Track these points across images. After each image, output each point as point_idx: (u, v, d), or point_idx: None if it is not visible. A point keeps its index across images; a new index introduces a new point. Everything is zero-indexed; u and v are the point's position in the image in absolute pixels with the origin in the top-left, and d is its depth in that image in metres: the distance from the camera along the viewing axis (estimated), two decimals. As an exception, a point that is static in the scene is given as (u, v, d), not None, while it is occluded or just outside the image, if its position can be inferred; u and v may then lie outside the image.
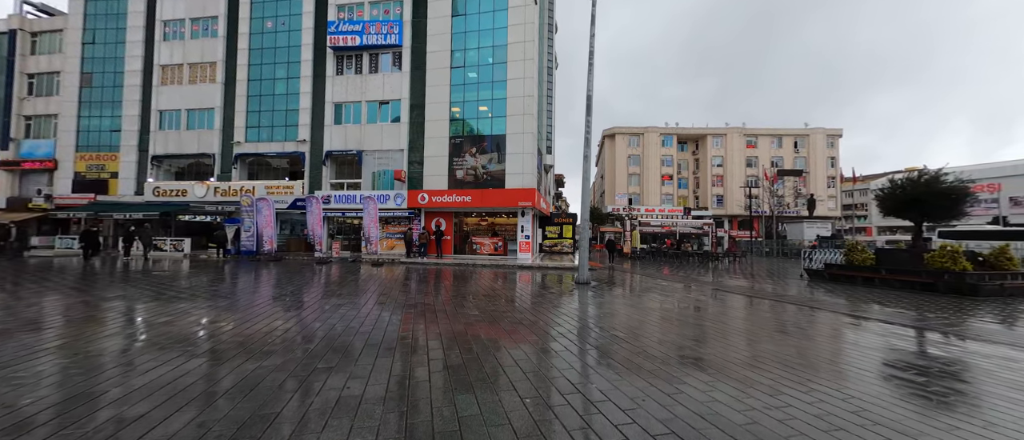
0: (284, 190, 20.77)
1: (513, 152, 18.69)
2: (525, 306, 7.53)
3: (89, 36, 23.77)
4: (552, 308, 7.38)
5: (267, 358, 4.20)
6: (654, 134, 52.14)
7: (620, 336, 5.30)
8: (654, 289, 10.58)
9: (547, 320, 6.24)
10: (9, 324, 5.48)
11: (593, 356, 4.43)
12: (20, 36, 24.59)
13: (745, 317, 7.03)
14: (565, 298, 8.65)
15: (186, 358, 4.15)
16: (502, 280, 11.75)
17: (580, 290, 9.92)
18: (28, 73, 24.71)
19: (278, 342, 4.88)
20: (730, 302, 8.58)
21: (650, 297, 9.17)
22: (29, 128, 24.60)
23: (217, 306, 7.12)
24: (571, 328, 5.71)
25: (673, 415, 2.97)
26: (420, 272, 13.46)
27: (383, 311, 6.76)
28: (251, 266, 15.00)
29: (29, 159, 23.91)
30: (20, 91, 24.51)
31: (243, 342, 4.82)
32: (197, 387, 3.38)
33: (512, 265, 16.25)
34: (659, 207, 49.23)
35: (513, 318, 6.37)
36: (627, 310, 7.30)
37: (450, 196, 18.71)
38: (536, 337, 5.19)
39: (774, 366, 4.17)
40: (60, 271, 12.66)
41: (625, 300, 8.58)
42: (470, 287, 9.94)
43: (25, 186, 24.38)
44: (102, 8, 23.79)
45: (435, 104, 19.82)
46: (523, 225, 18.92)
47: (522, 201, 17.99)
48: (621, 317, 6.61)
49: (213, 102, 22.16)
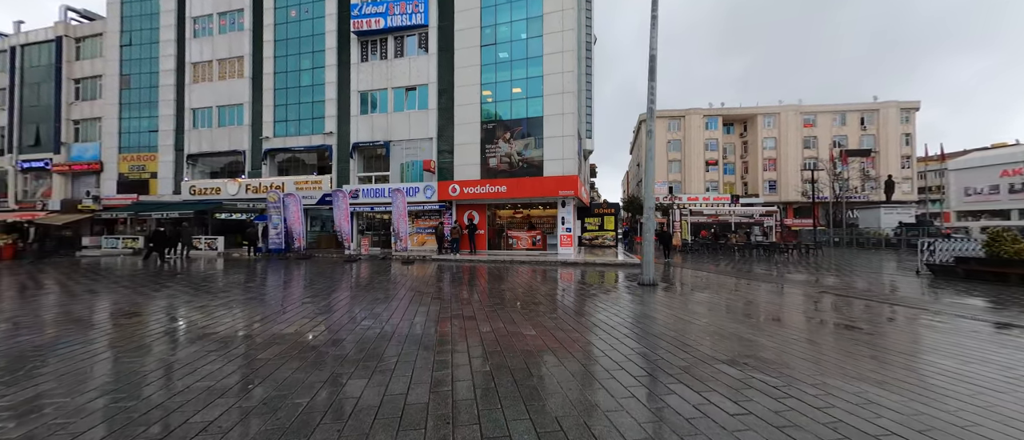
0: (312, 185, 20.06)
1: (551, 135, 16.83)
2: (591, 321, 5.79)
3: (126, 38, 24.08)
4: (626, 324, 5.59)
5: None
6: (697, 116, 48.26)
7: (773, 384, 3.45)
8: (739, 291, 8.52)
9: (629, 346, 4.48)
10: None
11: (733, 412, 2.66)
12: (66, 43, 25.37)
13: (931, 343, 4.94)
14: (635, 306, 6.83)
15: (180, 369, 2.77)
16: (547, 280, 10.06)
17: (646, 294, 8.05)
18: (74, 78, 25.51)
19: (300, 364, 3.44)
20: (863, 312, 6.42)
21: (746, 304, 7.16)
22: (77, 132, 25.46)
23: (229, 316, 5.91)
24: (674, 360, 3.92)
25: None
26: (453, 271, 12.03)
27: (413, 324, 5.27)
28: (279, 265, 14.19)
29: (78, 162, 24.74)
30: (68, 96, 25.36)
31: (275, 343, 3.43)
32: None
33: (553, 261, 14.52)
34: (703, 195, 45.67)
35: (582, 342, 4.66)
36: (736, 327, 5.39)
37: (483, 186, 17.17)
38: (630, 377, 3.46)
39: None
40: (111, 272, 12.28)
41: (716, 310, 6.63)
42: (513, 289, 8.33)
43: (76, 188, 25.32)
44: (136, 9, 23.99)
45: (465, 87, 18.26)
46: (564, 216, 17.10)
47: (563, 190, 16.16)
48: (733, 340, 4.73)
49: (242, 98, 21.78)
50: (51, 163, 25.03)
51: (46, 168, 25.21)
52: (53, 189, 25.35)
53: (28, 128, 26.05)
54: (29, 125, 26.04)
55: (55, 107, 25.28)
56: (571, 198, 16.81)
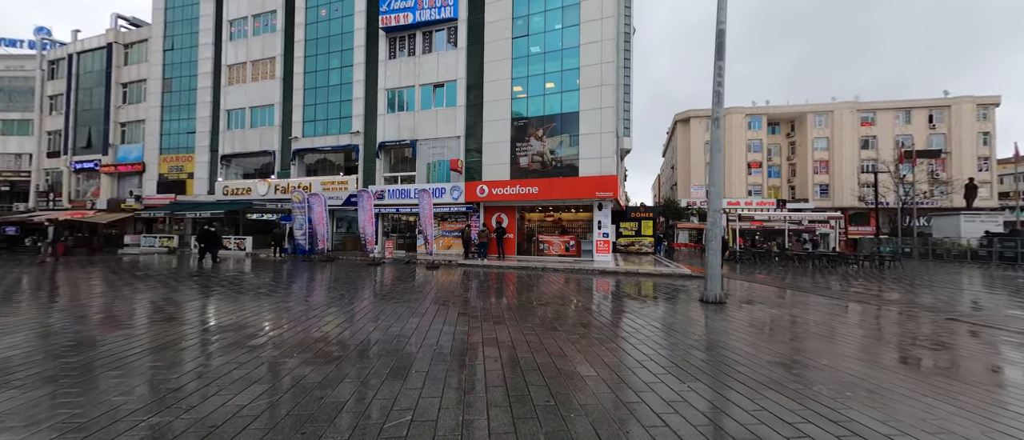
0: (339, 186, 19.66)
1: (588, 132, 15.51)
2: (664, 356, 4.46)
3: (169, 43, 24.87)
4: (714, 363, 4.22)
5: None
6: (738, 115, 45.24)
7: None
8: (837, 315, 6.87)
9: (732, 402, 3.14)
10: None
11: None
12: (115, 49, 26.57)
13: None
14: (709, 333, 5.42)
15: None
16: (588, 292, 8.74)
17: (716, 314, 6.59)
18: (122, 83, 26.66)
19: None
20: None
21: (870, 338, 5.57)
22: (124, 134, 26.54)
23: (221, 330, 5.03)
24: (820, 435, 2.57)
25: None
26: (482, 277, 10.94)
27: (435, 352, 4.16)
28: (302, 267, 13.63)
29: (123, 163, 25.74)
30: (116, 100, 26.50)
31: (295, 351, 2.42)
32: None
33: (590, 269, 13.16)
34: (744, 199, 42.66)
35: (665, 396, 3.35)
36: (886, 378, 3.90)
37: (513, 187, 16.06)
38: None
39: None
40: (146, 270, 12.11)
41: (829, 344, 5.11)
42: (551, 304, 7.09)
43: (122, 188, 26.36)
44: (178, 15, 24.73)
45: (495, 82, 17.27)
46: (600, 221, 15.69)
47: (600, 191, 14.77)
48: (901, 401, 3.28)
49: (272, 98, 21.82)
50: (100, 164, 26.18)
51: (95, 169, 26.40)
52: (101, 189, 26.51)
53: (81, 131, 27.45)
54: (82, 128, 27.44)
55: (104, 110, 26.48)
56: (609, 200, 15.39)
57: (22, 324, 5.60)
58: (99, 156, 26.38)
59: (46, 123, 29.25)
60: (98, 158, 26.33)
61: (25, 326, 5.48)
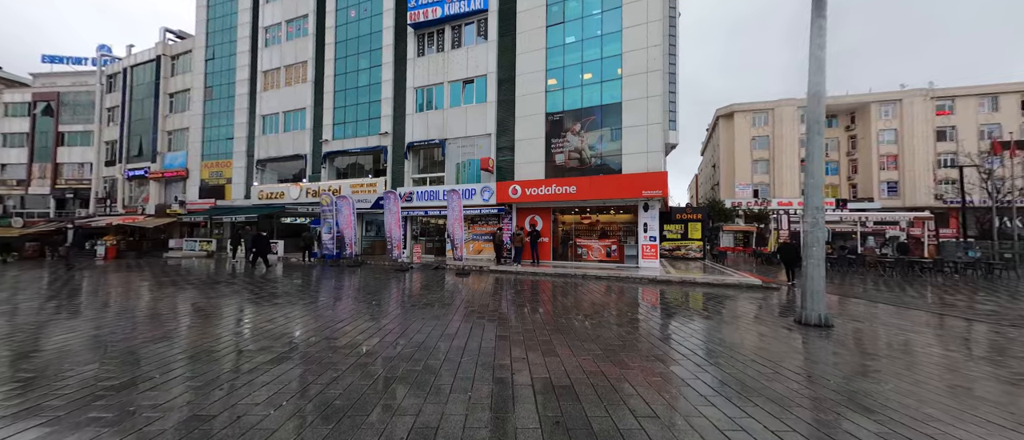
0: (367, 188, 19.19)
1: (632, 125, 14.00)
2: (800, 426, 3.06)
3: (210, 52, 25.66)
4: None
5: None
6: (789, 108, 41.61)
7: None
8: (991, 345, 5.09)
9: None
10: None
11: None
12: (163, 61, 27.83)
13: None
14: (832, 374, 3.90)
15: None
16: (640, 306, 7.33)
17: (823, 342, 5.02)
18: (169, 93, 27.85)
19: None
20: None
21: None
22: (170, 142, 27.68)
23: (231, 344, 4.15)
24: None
25: None
26: (516, 286, 9.75)
27: (473, 382, 3.02)
28: (330, 272, 13.03)
29: (169, 169, 26.78)
30: (163, 109, 27.72)
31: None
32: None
33: (636, 277, 11.65)
34: (797, 199, 39.09)
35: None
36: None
37: (548, 187, 14.81)
38: None
39: None
40: (187, 273, 11.95)
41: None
42: (602, 322, 5.76)
43: (168, 194, 27.45)
44: (219, 25, 25.48)
45: (527, 75, 16.13)
46: (647, 223, 14.11)
47: (647, 190, 13.21)
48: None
49: (304, 102, 21.82)
50: (149, 171, 27.42)
51: (145, 176, 27.69)
52: (150, 195, 27.76)
53: (133, 140, 28.96)
54: (134, 137, 28.94)
55: (153, 120, 27.76)
56: (657, 200, 13.79)
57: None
58: (148, 164, 27.65)
59: (104, 134, 31.18)
60: (148, 165, 27.60)
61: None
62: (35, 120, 33.39)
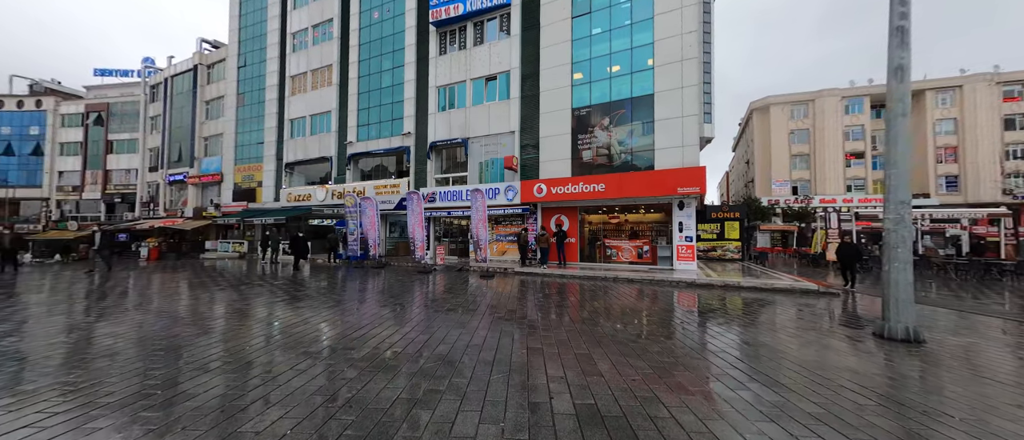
0: (390, 189, 19.10)
1: (666, 118, 13.13)
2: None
3: (242, 60, 26.51)
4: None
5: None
6: (832, 99, 38.91)
7: None
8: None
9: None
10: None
11: None
12: (200, 70, 29.03)
13: None
14: (948, 406, 3.09)
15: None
16: (681, 313, 6.56)
17: (917, 361, 4.15)
18: (205, 101, 29.01)
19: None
20: None
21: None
22: (206, 147, 28.82)
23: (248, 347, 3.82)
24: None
25: None
26: (543, 289, 9.15)
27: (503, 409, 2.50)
28: (354, 274, 12.89)
29: (205, 174, 27.86)
30: (200, 116, 28.89)
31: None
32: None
33: (672, 280, 10.80)
34: (843, 196, 36.52)
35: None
36: None
37: (575, 185, 14.13)
38: None
39: None
40: (222, 274, 12.17)
41: None
42: (640, 331, 5.07)
43: (204, 197, 28.57)
44: (250, 33, 26.28)
45: (552, 69, 15.53)
46: (682, 222, 13.18)
47: (683, 186, 12.31)
48: None
49: (330, 105, 22.07)
50: (187, 176, 28.64)
51: (184, 180, 28.94)
52: (189, 198, 28.99)
53: (174, 146, 30.37)
54: (174, 144, 30.35)
55: (191, 127, 28.99)
56: (693, 197, 12.85)
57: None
58: (187, 169, 28.89)
59: (148, 141, 32.91)
60: (186, 170, 28.84)
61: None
62: (88, 130, 35.71)
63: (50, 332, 5.49)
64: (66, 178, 36.23)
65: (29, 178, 36.14)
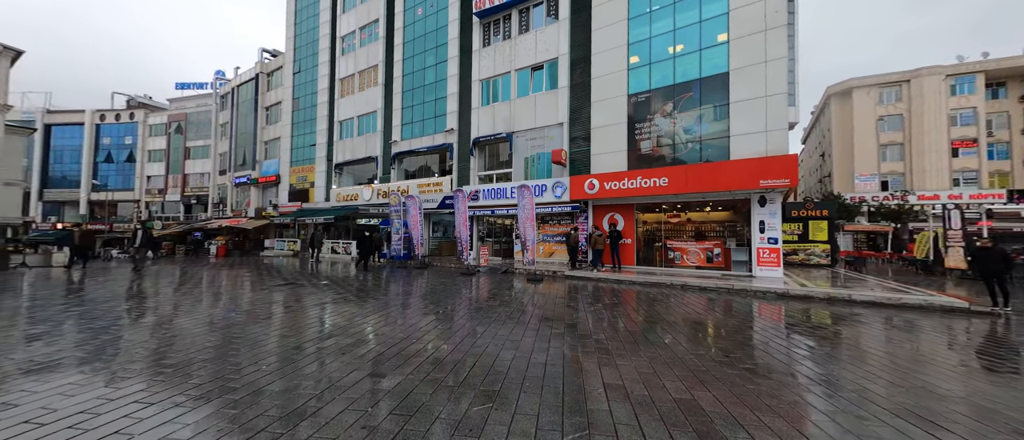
0: (434, 187, 18.68)
1: (744, 98, 11.27)
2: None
3: (297, 66, 27.69)
4: None
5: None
6: (933, 78, 33.31)
7: None
8: None
9: None
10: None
11: None
12: (261, 79, 30.83)
13: None
14: None
15: None
16: (795, 338, 4.99)
17: None
18: (265, 107, 30.76)
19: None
20: None
21: None
22: (266, 151, 30.53)
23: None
24: None
25: None
26: (601, 297, 7.90)
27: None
28: (397, 274, 12.44)
29: (265, 176, 29.50)
30: (261, 122, 30.68)
31: None
32: None
33: (758, 290, 9.05)
34: (948, 191, 31.18)
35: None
36: None
37: (632, 180, 12.64)
38: None
39: None
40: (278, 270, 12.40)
41: None
42: (759, 369, 3.66)
43: (265, 198, 30.30)
44: (304, 40, 27.38)
45: (605, 53, 14.13)
46: (764, 220, 11.25)
47: (767, 179, 10.42)
48: None
49: (375, 105, 22.21)
50: (250, 178, 30.54)
51: (247, 182, 30.90)
52: (251, 200, 30.91)
53: (239, 151, 32.58)
54: (239, 149, 32.55)
55: (253, 132, 30.88)
56: (779, 191, 10.89)
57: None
58: (250, 171, 30.81)
59: (219, 147, 35.68)
60: (249, 173, 30.77)
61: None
62: (170, 138, 39.57)
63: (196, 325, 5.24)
64: (153, 182, 40.40)
65: (124, 182, 40.75)
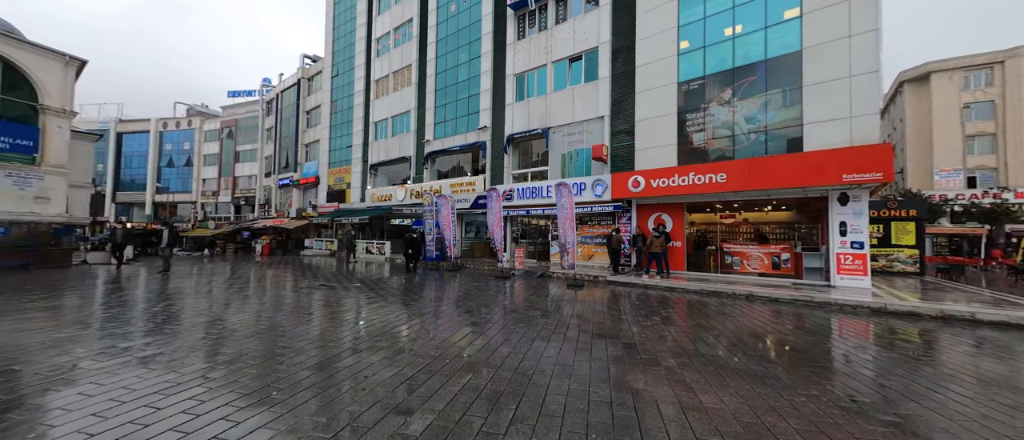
0: (466, 187, 18.16)
1: (822, 80, 9.75)
2: None
3: (335, 70, 28.32)
4: None
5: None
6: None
7: None
8: None
9: None
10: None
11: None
12: (302, 83, 31.91)
13: None
14: None
15: None
16: (944, 377, 3.75)
17: None
18: (306, 111, 31.78)
19: None
20: None
21: None
22: (307, 153, 31.52)
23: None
24: None
25: None
26: (654, 307, 6.85)
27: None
28: (429, 276, 11.96)
29: (305, 177, 30.42)
30: (302, 125, 31.72)
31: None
32: None
33: (845, 304, 7.62)
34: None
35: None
36: None
37: (684, 176, 11.38)
38: None
39: None
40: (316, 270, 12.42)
41: None
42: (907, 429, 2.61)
43: (305, 199, 31.28)
44: (342, 43, 27.95)
45: (652, 38, 12.93)
46: (846, 221, 9.66)
47: (852, 173, 8.87)
48: None
49: (409, 105, 22.10)
50: (292, 180, 31.65)
51: (289, 184, 32.06)
52: (293, 200, 32.04)
53: (282, 154, 33.92)
54: (283, 151, 33.89)
55: (295, 135, 32.00)
56: (868, 187, 9.28)
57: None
58: (292, 173, 31.96)
59: (264, 150, 37.42)
60: (291, 175, 31.92)
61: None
62: (222, 143, 42.07)
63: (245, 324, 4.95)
64: (207, 184, 43.15)
65: (183, 185, 43.82)
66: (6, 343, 4.59)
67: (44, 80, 13.96)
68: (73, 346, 4.52)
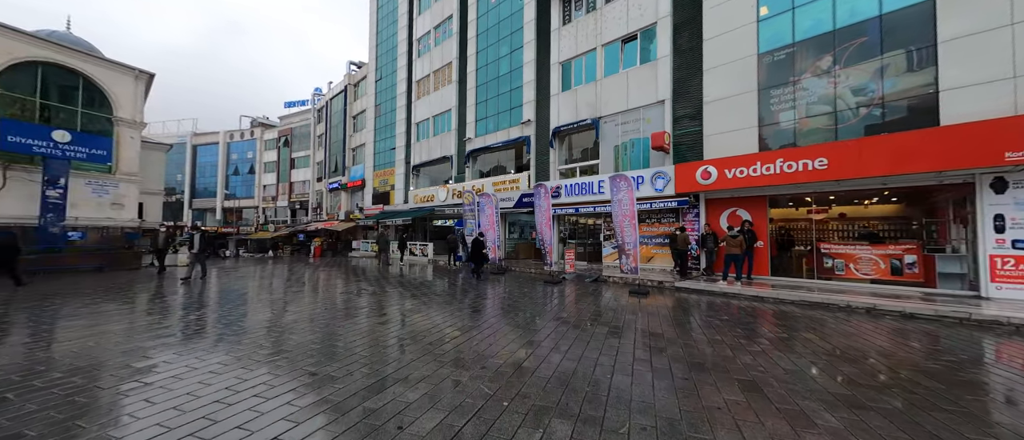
0: (510, 185, 17.22)
1: (964, 33, 7.61)
2: None
3: (379, 74, 28.73)
4: None
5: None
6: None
7: None
8: None
9: None
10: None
11: None
12: (348, 90, 32.84)
13: None
14: None
15: None
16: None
17: None
18: (353, 116, 32.66)
19: None
20: None
21: None
22: (354, 157, 32.36)
23: None
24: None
25: None
26: (748, 324, 5.37)
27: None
28: (471, 281, 11.14)
29: (352, 181, 31.20)
30: (349, 130, 32.63)
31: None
32: None
33: (1004, 321, 5.64)
34: None
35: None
36: None
37: (768, 164, 9.59)
38: None
39: None
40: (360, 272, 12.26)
41: None
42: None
43: (352, 202, 32.12)
44: (385, 47, 28.28)
45: (722, 6, 11.18)
46: (1004, 214, 7.45)
47: (1016, 151, 6.73)
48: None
49: (449, 103, 21.62)
50: (340, 183, 32.66)
51: (338, 187, 33.12)
52: (342, 203, 33.05)
53: (332, 159, 35.19)
54: (332, 156, 35.15)
55: (343, 140, 33.00)
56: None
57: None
58: (340, 177, 32.99)
59: (316, 156, 39.15)
60: (340, 179, 32.95)
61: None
62: (280, 151, 44.72)
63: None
64: (267, 190, 46.11)
65: (247, 191, 47.20)
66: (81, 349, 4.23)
67: (117, 93, 15.01)
68: (157, 351, 4.04)
